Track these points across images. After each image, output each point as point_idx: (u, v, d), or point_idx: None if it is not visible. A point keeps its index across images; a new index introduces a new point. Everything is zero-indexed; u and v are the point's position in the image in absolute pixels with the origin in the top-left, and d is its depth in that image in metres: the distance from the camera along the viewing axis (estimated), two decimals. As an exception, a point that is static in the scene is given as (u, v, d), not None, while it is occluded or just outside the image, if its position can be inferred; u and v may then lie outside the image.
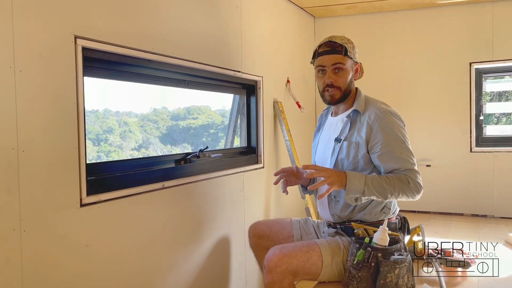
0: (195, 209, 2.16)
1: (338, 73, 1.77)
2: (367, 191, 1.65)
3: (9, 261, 1.29)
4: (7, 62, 1.28)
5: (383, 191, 1.65)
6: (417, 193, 1.69)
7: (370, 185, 1.65)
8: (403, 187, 1.66)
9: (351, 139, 1.77)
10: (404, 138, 1.73)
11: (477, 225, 3.09)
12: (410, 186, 1.67)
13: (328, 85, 1.78)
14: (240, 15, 2.57)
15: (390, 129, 1.72)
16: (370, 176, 1.68)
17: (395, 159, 1.70)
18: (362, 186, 1.64)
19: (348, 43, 1.79)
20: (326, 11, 3.62)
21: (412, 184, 1.67)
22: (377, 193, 1.65)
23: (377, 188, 1.65)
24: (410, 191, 1.67)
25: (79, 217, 1.51)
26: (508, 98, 3.63)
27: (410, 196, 1.69)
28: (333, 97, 1.79)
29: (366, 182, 1.65)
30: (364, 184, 1.64)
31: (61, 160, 1.45)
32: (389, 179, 1.67)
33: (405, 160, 1.70)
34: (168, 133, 2.63)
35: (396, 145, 1.70)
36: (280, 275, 1.63)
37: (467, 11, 3.39)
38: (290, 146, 3.01)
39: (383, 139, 1.71)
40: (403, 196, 1.69)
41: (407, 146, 1.72)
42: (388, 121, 1.73)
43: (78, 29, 1.51)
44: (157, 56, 1.89)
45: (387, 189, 1.65)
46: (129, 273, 1.73)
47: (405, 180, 1.67)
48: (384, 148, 1.71)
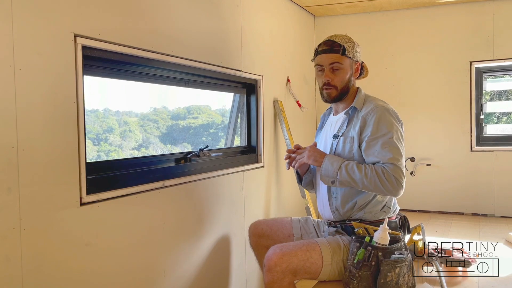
0: (195, 208, 2.15)
1: (335, 72, 1.79)
2: (340, 175, 1.68)
3: (9, 260, 1.29)
4: (6, 61, 1.28)
5: (355, 178, 1.66)
6: (393, 189, 1.64)
7: (344, 169, 1.68)
8: (376, 179, 1.63)
9: (348, 135, 1.79)
10: (393, 134, 1.70)
11: (478, 224, 3.09)
12: (383, 179, 1.63)
13: (325, 83, 1.80)
14: (240, 14, 2.57)
15: (380, 123, 1.72)
16: (348, 162, 1.70)
17: (377, 152, 1.69)
18: (336, 169, 1.68)
19: (347, 42, 1.80)
20: (326, 10, 3.62)
21: (387, 177, 1.63)
22: (349, 179, 1.67)
23: (351, 174, 1.66)
24: (384, 184, 1.63)
25: (79, 216, 1.51)
26: (508, 97, 3.63)
27: (385, 190, 1.64)
28: (330, 95, 1.82)
29: (341, 166, 1.68)
30: (338, 168, 1.68)
31: (61, 159, 1.45)
32: (365, 168, 1.67)
33: (387, 154, 1.67)
34: (168, 132, 2.63)
35: (383, 139, 1.69)
36: (280, 274, 1.63)
37: (468, 10, 3.39)
38: (290, 145, 3.01)
39: (371, 132, 1.72)
40: (376, 189, 1.65)
41: (394, 142, 1.69)
42: (381, 116, 1.73)
43: (78, 28, 1.50)
44: (157, 55, 1.89)
45: (359, 177, 1.64)
46: (129, 272, 1.73)
47: (380, 173, 1.64)
48: (370, 140, 1.72)
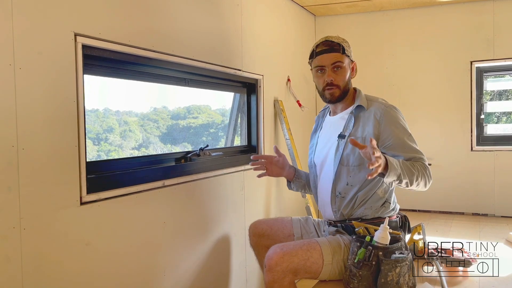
0: (195, 208, 2.15)
1: (337, 71, 1.78)
2: (402, 174, 1.64)
3: (9, 259, 1.29)
4: (7, 60, 1.28)
5: (412, 175, 1.67)
6: (430, 180, 1.75)
7: (403, 168, 1.66)
8: (424, 173, 1.71)
9: (356, 134, 1.78)
10: (409, 131, 1.80)
11: (478, 224, 3.08)
12: (427, 173, 1.73)
13: (328, 83, 1.79)
14: (240, 13, 2.57)
15: (397, 123, 1.78)
16: (398, 160, 1.67)
17: (408, 149, 1.76)
18: (399, 169, 1.63)
19: (344, 42, 1.81)
20: (326, 10, 3.61)
21: (428, 171, 1.74)
22: (408, 176, 1.66)
23: (408, 171, 1.66)
24: (428, 177, 1.73)
25: (79, 215, 1.51)
26: (508, 97, 3.62)
27: (427, 182, 1.74)
28: (333, 95, 1.80)
29: (400, 165, 1.65)
30: (399, 167, 1.64)
31: (61, 158, 1.45)
32: (413, 165, 1.70)
33: (418, 150, 1.78)
34: (168, 132, 2.62)
35: (406, 137, 1.77)
36: (281, 274, 1.63)
37: (468, 9, 3.38)
38: (291, 144, 3.01)
39: (393, 132, 1.76)
40: (422, 182, 1.72)
41: (413, 138, 1.80)
42: (394, 115, 1.79)
43: (78, 27, 1.50)
44: (158, 54, 1.89)
45: (414, 173, 1.68)
46: (129, 271, 1.73)
47: (423, 167, 1.73)
48: (396, 140, 1.75)
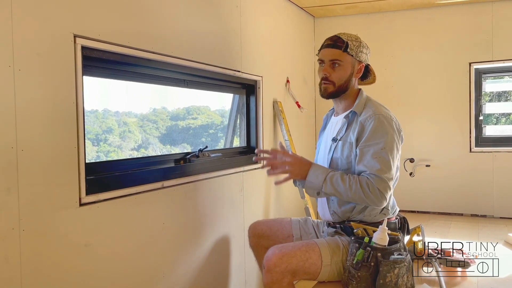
0: (194, 209, 2.15)
1: (334, 68, 1.78)
2: (325, 188, 1.64)
3: (8, 260, 1.29)
4: (6, 61, 1.28)
5: (340, 191, 1.63)
6: (377, 201, 1.61)
7: (329, 181, 1.64)
8: (360, 191, 1.60)
9: (346, 139, 1.77)
10: (386, 144, 1.64)
11: (477, 225, 3.08)
12: (368, 192, 1.60)
13: (323, 78, 1.79)
14: (239, 15, 2.57)
15: (376, 131, 1.67)
16: (334, 173, 1.66)
17: (367, 161, 1.65)
18: (321, 182, 1.63)
19: (353, 40, 1.78)
20: (325, 11, 3.62)
21: (371, 190, 1.60)
22: (334, 191, 1.64)
23: (336, 186, 1.63)
24: (368, 197, 1.60)
25: (78, 217, 1.51)
26: (507, 98, 3.63)
27: (369, 202, 1.62)
28: (326, 90, 1.80)
29: (326, 179, 1.64)
30: (323, 180, 1.63)
31: (60, 159, 1.45)
32: (349, 180, 1.63)
33: (376, 164, 1.62)
34: (168, 133, 2.63)
35: (374, 148, 1.65)
36: (280, 275, 1.63)
37: (467, 11, 3.39)
38: (290, 146, 3.01)
39: (365, 139, 1.68)
40: (360, 200, 1.63)
41: (385, 153, 1.63)
42: (378, 123, 1.68)
43: (77, 28, 1.50)
44: (157, 56, 1.89)
45: (343, 189, 1.62)
46: (128, 273, 1.73)
47: (364, 185, 1.61)
48: (362, 147, 1.68)
